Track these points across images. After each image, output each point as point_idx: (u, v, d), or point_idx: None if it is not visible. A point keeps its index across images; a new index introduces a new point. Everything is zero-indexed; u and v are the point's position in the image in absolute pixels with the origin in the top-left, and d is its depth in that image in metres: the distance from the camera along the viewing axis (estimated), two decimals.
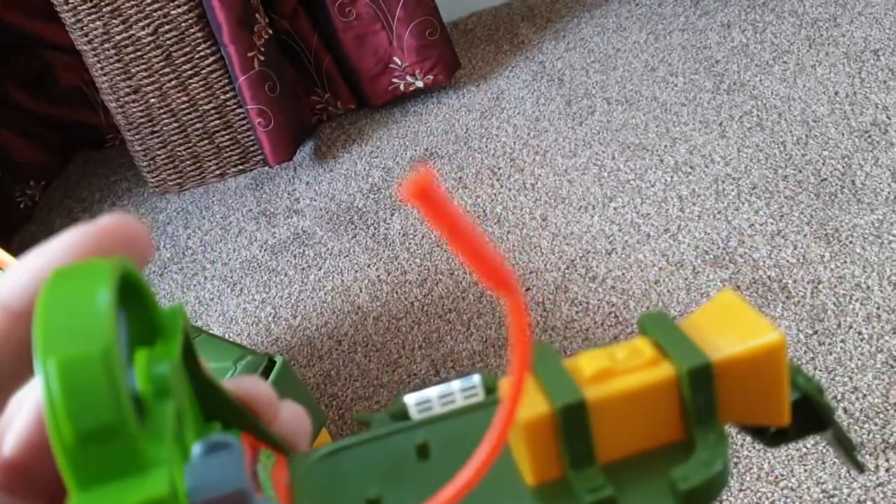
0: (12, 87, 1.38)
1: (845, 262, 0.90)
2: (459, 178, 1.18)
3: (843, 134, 1.06)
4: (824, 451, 0.74)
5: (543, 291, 0.97)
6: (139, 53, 1.17)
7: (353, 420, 0.89)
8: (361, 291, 1.05)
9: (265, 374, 0.64)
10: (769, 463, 0.74)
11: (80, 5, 1.13)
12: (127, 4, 1.14)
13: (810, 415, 0.20)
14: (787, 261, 0.92)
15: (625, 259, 0.98)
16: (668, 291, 0.93)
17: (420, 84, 1.31)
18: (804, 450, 0.74)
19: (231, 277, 1.13)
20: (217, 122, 1.25)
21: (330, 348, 0.98)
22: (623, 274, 0.97)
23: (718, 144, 1.11)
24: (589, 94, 1.27)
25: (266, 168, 1.30)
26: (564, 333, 0.92)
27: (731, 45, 1.27)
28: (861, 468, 0.22)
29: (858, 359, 0.80)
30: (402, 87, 1.31)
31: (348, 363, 0.96)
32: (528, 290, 0.98)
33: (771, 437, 0.20)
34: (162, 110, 1.23)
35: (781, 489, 0.72)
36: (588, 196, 1.09)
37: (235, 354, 0.65)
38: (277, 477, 0.19)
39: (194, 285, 1.13)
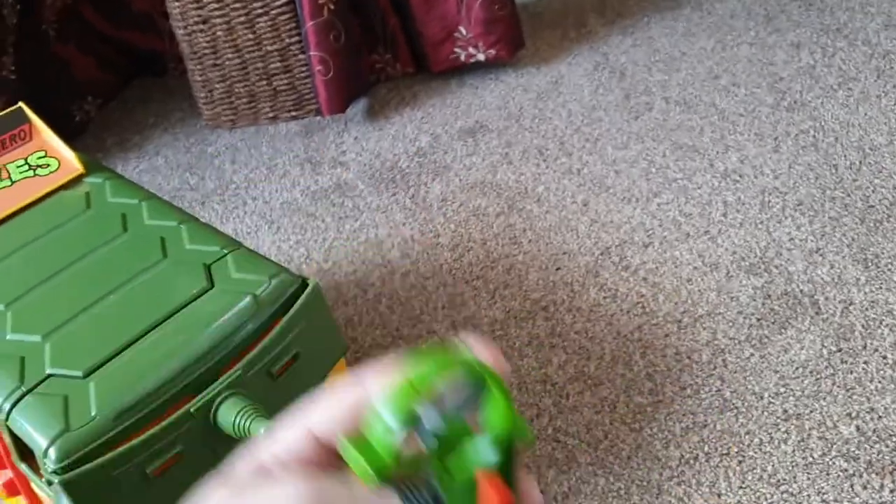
0: (85, 6, 1.41)
1: (880, 287, 0.89)
2: (506, 153, 1.18)
3: None
4: (830, 462, 0.73)
5: (574, 273, 0.98)
6: None
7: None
8: (393, 247, 1.06)
9: (296, 294, 0.65)
10: (773, 466, 0.74)
11: None
12: None
13: None
14: (822, 278, 0.91)
15: (661, 254, 0.98)
16: (699, 291, 0.93)
17: (481, 57, 1.31)
18: (810, 459, 0.74)
19: (270, 216, 1.14)
20: (278, 64, 1.27)
21: (356, 295, 1.00)
22: (657, 268, 0.97)
23: (770, 158, 1.10)
24: (649, 91, 1.26)
25: (318, 118, 1.32)
26: (589, 316, 0.92)
27: (798, 65, 1.27)
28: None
29: (879, 381, 0.79)
30: (462, 58, 1.32)
31: (371, 312, 0.97)
32: (558, 269, 0.99)
33: None
34: (227, 44, 1.25)
35: (781, 493, 0.72)
36: (633, 188, 1.09)
37: (272, 270, 0.66)
38: None
39: (233, 218, 1.14)
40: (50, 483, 0.55)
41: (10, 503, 0.78)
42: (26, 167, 0.77)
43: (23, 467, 0.61)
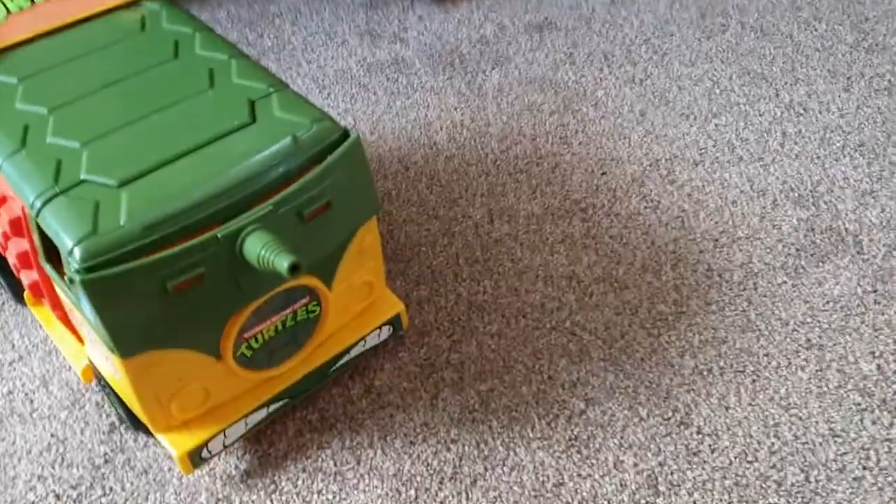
0: None
1: None
2: (570, 54, 1.15)
3: None
4: (845, 395, 0.72)
5: (619, 180, 0.96)
6: None
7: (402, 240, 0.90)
8: (441, 130, 1.05)
9: (337, 143, 0.65)
10: (786, 390, 0.73)
11: None
12: None
13: None
14: (871, 220, 0.89)
15: (710, 173, 0.96)
16: (742, 214, 0.91)
17: None
18: (825, 389, 0.73)
19: (322, 81, 1.13)
20: None
21: (397, 171, 0.99)
22: (703, 186, 0.95)
23: (839, 96, 1.06)
24: (726, 13, 1.22)
25: None
26: (626, 223, 0.91)
27: (886, 8, 1.21)
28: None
29: None
30: None
31: (410, 189, 0.97)
32: (603, 174, 0.97)
33: None
34: None
35: (790, 415, 0.71)
36: (693, 106, 1.06)
37: (315, 115, 0.65)
38: None
39: (287, 77, 1.14)
40: (72, 282, 0.57)
41: (35, 312, 0.80)
42: None
43: (47, 268, 0.62)
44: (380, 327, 0.74)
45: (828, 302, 0.81)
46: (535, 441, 0.70)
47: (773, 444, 0.69)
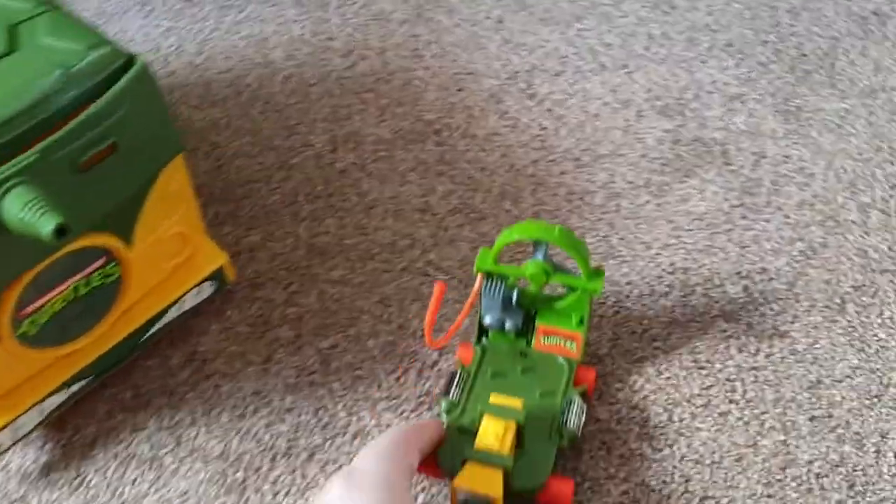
0: None
1: (797, 142, 0.82)
2: None
3: (839, 14, 0.96)
4: (710, 321, 0.68)
5: (476, 97, 0.88)
6: None
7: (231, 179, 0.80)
8: (278, 47, 0.94)
9: (120, 72, 0.54)
10: (648, 320, 0.68)
11: None
12: None
13: None
14: (738, 127, 0.84)
15: (571, 85, 0.89)
16: (605, 128, 0.84)
17: None
18: (690, 316, 0.68)
19: None
20: None
21: (226, 97, 0.88)
22: (564, 100, 0.87)
23: None
24: None
25: None
26: (483, 145, 0.83)
27: None
28: None
29: (777, 242, 0.74)
30: None
31: (242, 116, 0.86)
32: (459, 90, 0.89)
33: None
34: None
35: (653, 349, 0.66)
36: (554, 10, 0.98)
37: (92, 41, 0.54)
38: None
39: None
40: None
41: None
42: None
43: None
44: (199, 284, 0.65)
45: (693, 220, 0.76)
46: (382, 402, 0.63)
47: (633, 379, 0.65)
